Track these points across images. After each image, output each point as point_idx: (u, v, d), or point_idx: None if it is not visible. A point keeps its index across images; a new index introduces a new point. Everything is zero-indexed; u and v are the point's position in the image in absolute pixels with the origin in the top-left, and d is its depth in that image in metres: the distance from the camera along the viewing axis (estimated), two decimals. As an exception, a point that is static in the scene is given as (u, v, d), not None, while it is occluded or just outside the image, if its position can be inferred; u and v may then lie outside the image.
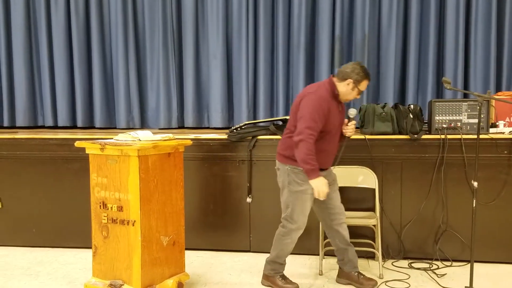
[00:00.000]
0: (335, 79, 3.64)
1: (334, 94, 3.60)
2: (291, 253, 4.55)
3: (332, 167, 3.86)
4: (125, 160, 3.40)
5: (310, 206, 3.71)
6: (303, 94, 3.61)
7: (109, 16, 5.87)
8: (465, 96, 5.10)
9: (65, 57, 5.86)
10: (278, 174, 3.81)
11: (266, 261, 3.94)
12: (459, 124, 4.33)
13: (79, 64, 5.85)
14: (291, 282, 3.85)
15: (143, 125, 5.94)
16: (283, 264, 3.90)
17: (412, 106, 4.48)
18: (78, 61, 5.84)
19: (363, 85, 3.61)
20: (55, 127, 6.00)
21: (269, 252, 4.64)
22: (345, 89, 3.59)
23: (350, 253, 3.90)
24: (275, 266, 3.88)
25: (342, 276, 3.97)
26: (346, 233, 3.89)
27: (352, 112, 3.74)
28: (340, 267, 3.99)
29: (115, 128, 5.92)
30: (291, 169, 3.64)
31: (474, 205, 3.53)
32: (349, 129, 3.74)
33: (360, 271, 3.92)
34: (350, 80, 3.55)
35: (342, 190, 4.35)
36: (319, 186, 3.49)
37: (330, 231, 3.90)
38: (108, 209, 3.52)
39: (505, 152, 4.24)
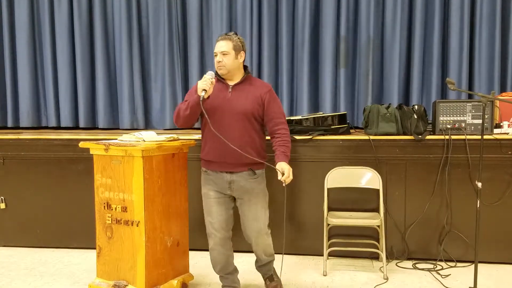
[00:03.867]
0: None
1: (217, 75, 3.39)
2: (295, 254, 4.57)
3: (250, 174, 3.44)
4: (129, 161, 3.41)
5: (217, 212, 3.45)
6: None
7: (112, 16, 5.88)
8: (470, 96, 5.10)
9: (68, 57, 5.88)
10: None
11: None
12: (463, 124, 4.33)
13: (82, 65, 5.87)
14: None
15: (147, 126, 5.96)
16: (226, 278, 3.68)
17: (416, 106, 4.47)
18: (81, 62, 5.86)
19: (214, 48, 3.38)
20: (58, 127, 6.02)
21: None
22: None
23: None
24: (222, 281, 3.71)
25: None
26: (261, 252, 3.65)
27: (208, 74, 3.26)
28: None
29: (118, 128, 5.93)
30: (201, 170, 3.54)
31: (478, 206, 3.52)
32: (287, 177, 3.26)
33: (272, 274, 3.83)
34: None
35: (346, 190, 4.37)
36: (200, 84, 3.20)
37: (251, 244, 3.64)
38: (112, 209, 3.53)
39: (509, 152, 4.23)
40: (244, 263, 4.45)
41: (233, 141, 3.23)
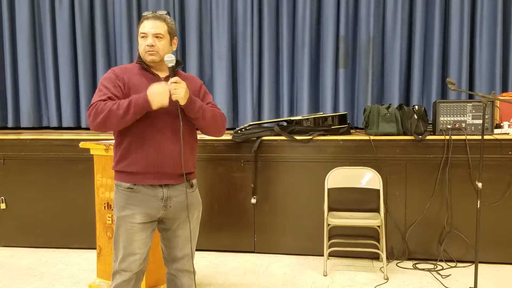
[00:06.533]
0: None
1: (140, 62, 2.70)
2: (296, 254, 4.57)
3: (187, 187, 2.70)
4: (129, 161, 3.40)
5: (142, 242, 2.65)
6: None
7: (113, 16, 5.89)
8: (470, 97, 5.09)
9: (69, 57, 5.88)
10: None
11: None
12: (463, 125, 4.33)
13: (84, 65, 5.87)
14: None
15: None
16: None
17: (416, 107, 4.47)
18: (83, 62, 5.86)
19: (142, 27, 2.64)
20: (60, 128, 6.02)
21: (273, 253, 4.66)
22: (138, 46, 2.71)
23: None
24: None
25: None
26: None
27: (168, 58, 2.57)
28: None
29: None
30: (116, 187, 2.68)
31: (478, 206, 3.52)
32: (173, 88, 2.47)
33: None
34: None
35: (347, 191, 4.37)
36: (155, 92, 2.45)
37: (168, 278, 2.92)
38: (112, 210, 3.52)
39: (510, 153, 4.22)
40: (246, 263, 4.46)
41: (170, 146, 2.58)
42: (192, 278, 2.84)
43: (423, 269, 4.24)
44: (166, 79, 2.59)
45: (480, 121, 4.25)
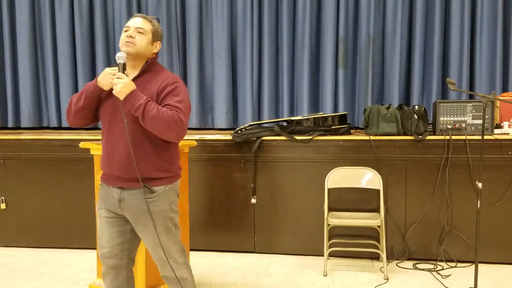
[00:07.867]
0: None
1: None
2: (296, 254, 4.57)
3: (146, 192, 2.59)
4: (129, 161, 3.40)
5: (109, 235, 2.70)
6: None
7: (113, 16, 5.88)
8: (470, 97, 5.09)
9: (69, 57, 5.87)
10: None
11: None
12: (463, 125, 4.32)
13: (83, 65, 5.86)
14: None
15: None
16: None
17: (416, 107, 4.47)
18: (82, 62, 5.86)
19: (127, 23, 2.77)
20: (60, 128, 6.02)
21: (273, 253, 4.67)
22: None
23: None
24: None
25: None
26: None
27: (119, 55, 2.62)
28: None
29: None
30: None
31: (478, 206, 3.52)
32: (114, 83, 2.51)
33: None
34: None
35: (347, 191, 4.37)
36: (103, 76, 2.60)
37: None
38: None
39: (510, 153, 4.22)
40: (246, 263, 4.46)
41: (121, 149, 2.56)
42: (173, 285, 2.83)
43: (423, 269, 4.24)
44: (135, 79, 2.62)
45: (480, 121, 4.25)
